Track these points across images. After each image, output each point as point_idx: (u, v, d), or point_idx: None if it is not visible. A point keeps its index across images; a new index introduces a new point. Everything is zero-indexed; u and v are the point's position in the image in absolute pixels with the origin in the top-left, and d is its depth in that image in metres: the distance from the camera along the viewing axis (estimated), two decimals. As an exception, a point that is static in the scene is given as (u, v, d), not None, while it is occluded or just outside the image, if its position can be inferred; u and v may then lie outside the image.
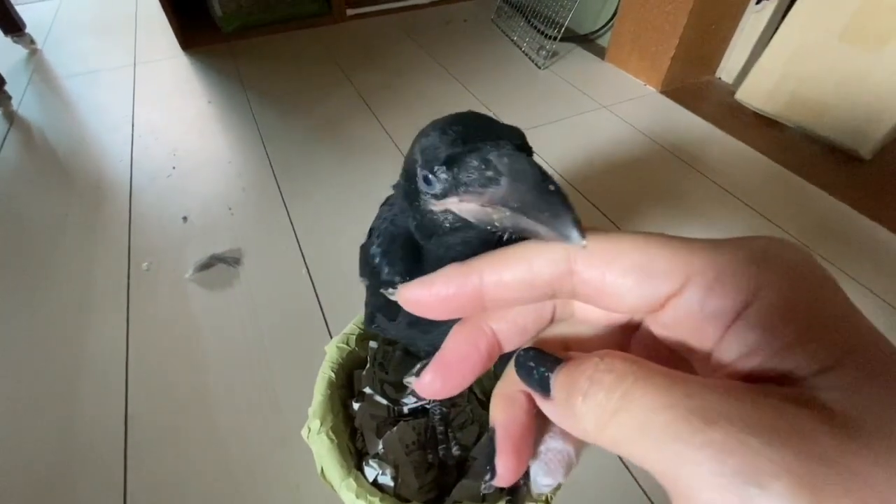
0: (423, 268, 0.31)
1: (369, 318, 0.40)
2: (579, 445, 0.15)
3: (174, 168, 1.01)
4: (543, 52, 1.35)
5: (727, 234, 0.12)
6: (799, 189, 0.97)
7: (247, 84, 1.29)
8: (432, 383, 0.15)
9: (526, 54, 1.41)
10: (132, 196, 0.94)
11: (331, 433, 0.45)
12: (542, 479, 0.15)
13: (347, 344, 0.53)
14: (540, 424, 0.15)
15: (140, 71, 1.36)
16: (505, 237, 0.17)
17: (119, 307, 0.74)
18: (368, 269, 0.34)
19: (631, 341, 0.14)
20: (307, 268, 0.80)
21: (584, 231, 0.13)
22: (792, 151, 1.07)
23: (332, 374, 0.50)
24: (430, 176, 0.19)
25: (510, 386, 0.15)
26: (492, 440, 0.14)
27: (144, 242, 0.85)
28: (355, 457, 0.48)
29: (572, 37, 1.48)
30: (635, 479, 0.57)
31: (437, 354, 0.15)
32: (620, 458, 0.58)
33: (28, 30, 1.44)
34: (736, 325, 0.11)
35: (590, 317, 0.15)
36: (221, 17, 1.48)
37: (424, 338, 0.39)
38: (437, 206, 0.20)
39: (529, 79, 1.32)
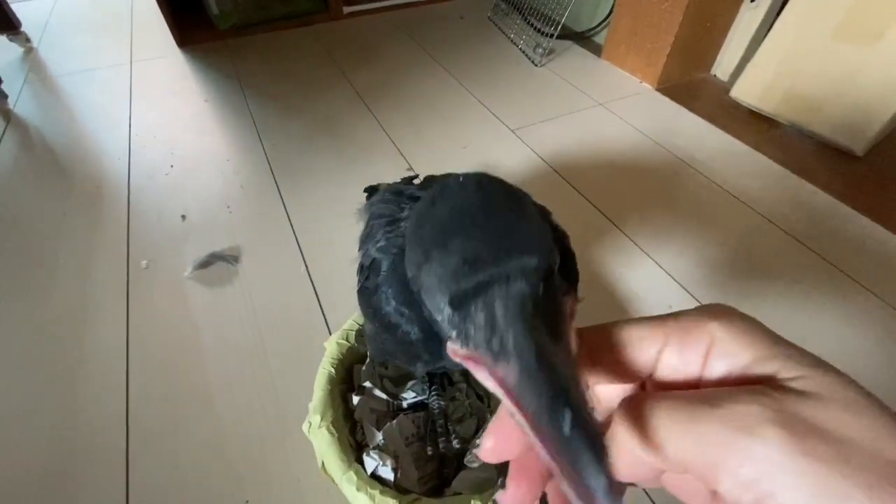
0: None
1: (379, 355, 0.40)
2: None
3: (172, 166, 1.01)
4: (540, 50, 1.36)
5: (721, 231, 0.16)
6: (793, 186, 0.98)
7: (244, 82, 1.29)
8: (494, 448, 0.16)
9: (523, 52, 1.41)
10: (130, 194, 0.94)
11: (331, 427, 0.46)
12: None
13: (347, 340, 0.54)
14: None
15: (136, 69, 1.36)
16: None
17: (119, 306, 0.75)
18: (380, 320, 0.33)
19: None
20: (306, 265, 0.80)
21: (616, 493, 0.11)
22: (786, 148, 1.07)
23: (332, 370, 0.51)
24: (437, 311, 0.17)
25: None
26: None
27: (143, 241, 0.85)
28: (355, 450, 0.48)
29: (569, 34, 1.48)
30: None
31: (493, 420, 0.17)
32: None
33: (23, 28, 1.44)
34: (711, 357, 0.15)
35: (611, 396, 0.18)
36: (217, 14, 1.48)
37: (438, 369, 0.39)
38: (455, 354, 0.16)
39: (526, 76, 1.33)
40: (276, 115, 1.17)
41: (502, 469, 0.15)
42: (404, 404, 0.53)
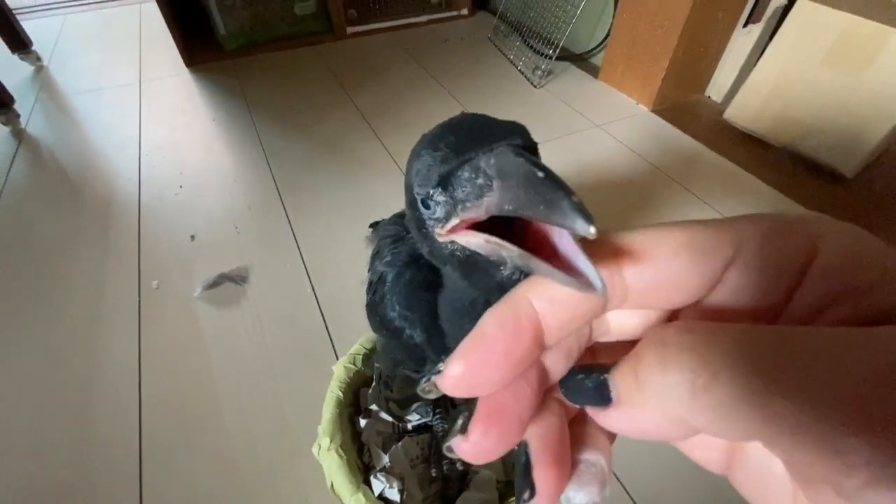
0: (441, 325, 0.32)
1: (391, 367, 0.42)
2: (610, 460, 0.13)
3: (181, 186, 1.04)
4: (539, 72, 1.40)
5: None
6: (784, 206, 1.01)
7: (250, 101, 1.33)
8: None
9: (522, 73, 1.45)
10: (141, 214, 0.97)
11: (340, 450, 0.48)
12: (576, 497, 0.12)
13: (354, 364, 0.56)
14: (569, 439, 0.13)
15: (146, 88, 1.39)
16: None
17: (130, 325, 0.77)
18: (385, 329, 0.35)
19: None
20: (312, 286, 0.83)
21: (589, 216, 0.10)
22: (778, 170, 1.11)
23: (340, 394, 0.53)
24: (429, 201, 0.18)
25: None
26: (525, 454, 0.12)
27: (154, 261, 0.87)
28: (363, 472, 0.50)
29: (567, 55, 1.52)
30: (620, 483, 0.60)
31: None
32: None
33: (34, 47, 1.47)
34: (810, 277, 0.10)
35: (626, 328, 0.14)
36: (224, 35, 1.52)
37: None
38: (442, 237, 0.19)
39: (525, 97, 1.36)
40: (281, 134, 1.20)
41: (524, 476, 0.12)
42: (409, 426, 0.55)
